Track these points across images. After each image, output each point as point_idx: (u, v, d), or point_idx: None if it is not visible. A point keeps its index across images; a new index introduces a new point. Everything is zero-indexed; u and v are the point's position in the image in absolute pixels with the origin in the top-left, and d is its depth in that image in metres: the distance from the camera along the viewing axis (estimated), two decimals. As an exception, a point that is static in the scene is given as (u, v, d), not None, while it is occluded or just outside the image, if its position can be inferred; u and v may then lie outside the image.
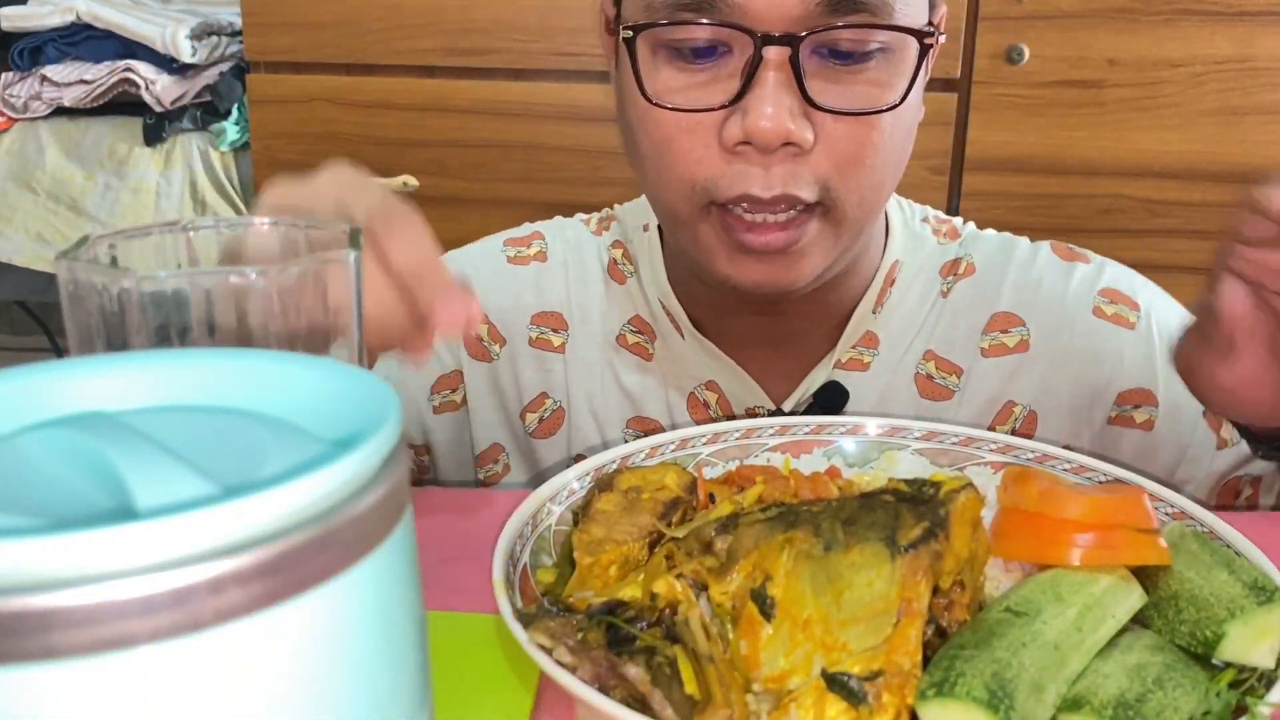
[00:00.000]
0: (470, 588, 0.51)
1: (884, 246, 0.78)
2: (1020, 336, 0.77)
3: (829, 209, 0.65)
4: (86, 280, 0.33)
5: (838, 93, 0.63)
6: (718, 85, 0.64)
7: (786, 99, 0.62)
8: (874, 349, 0.78)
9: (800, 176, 0.64)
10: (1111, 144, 1.52)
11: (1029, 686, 0.38)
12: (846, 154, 0.64)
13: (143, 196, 1.75)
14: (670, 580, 0.44)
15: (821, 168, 0.64)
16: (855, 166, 0.65)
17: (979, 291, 0.79)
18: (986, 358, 0.77)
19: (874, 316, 0.77)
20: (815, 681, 0.39)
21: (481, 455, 0.83)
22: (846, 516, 0.44)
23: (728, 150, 0.64)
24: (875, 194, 0.68)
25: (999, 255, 0.80)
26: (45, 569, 0.19)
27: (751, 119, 0.62)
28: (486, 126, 1.62)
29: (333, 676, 0.22)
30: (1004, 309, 0.78)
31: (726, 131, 0.63)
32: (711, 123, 0.64)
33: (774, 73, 0.62)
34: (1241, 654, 0.42)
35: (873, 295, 0.77)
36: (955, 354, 0.78)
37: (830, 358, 0.77)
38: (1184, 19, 1.47)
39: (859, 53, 0.63)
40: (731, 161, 0.64)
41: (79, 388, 0.27)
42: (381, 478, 0.23)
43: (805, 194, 0.64)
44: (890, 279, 0.78)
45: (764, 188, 0.63)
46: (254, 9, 1.63)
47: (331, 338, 0.37)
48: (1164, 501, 0.52)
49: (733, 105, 0.63)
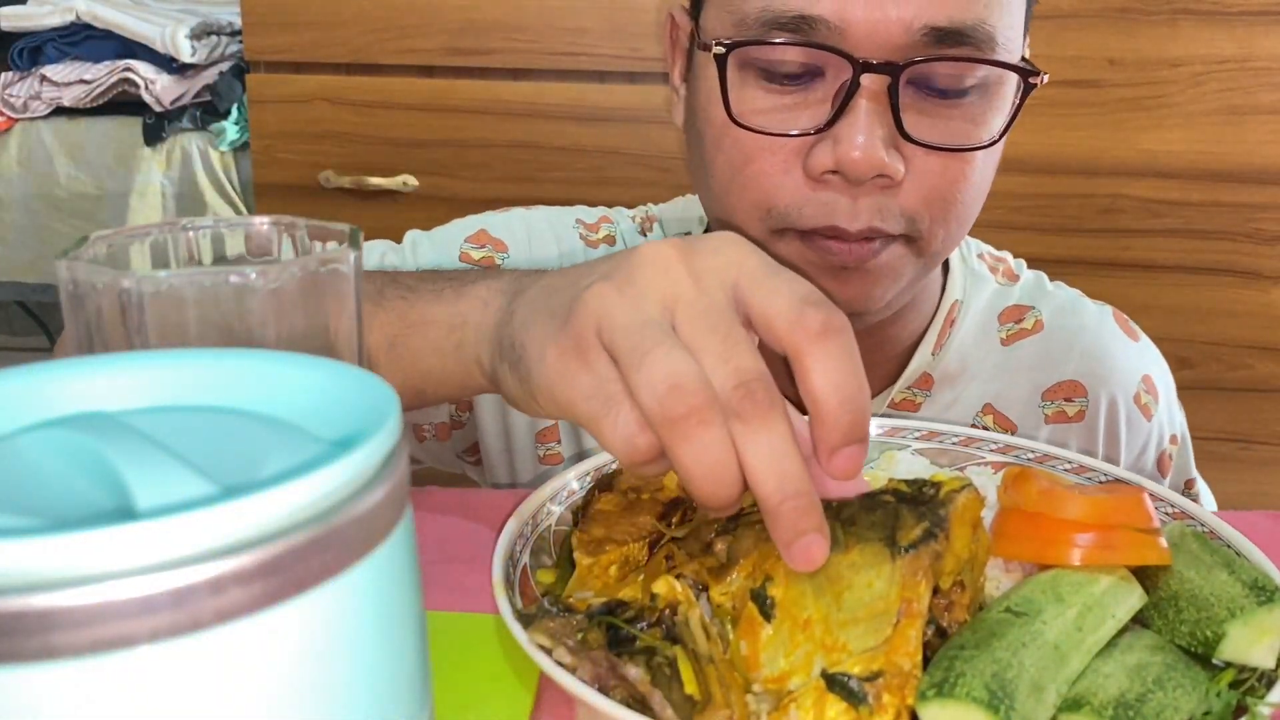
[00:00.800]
0: (470, 588, 0.51)
1: (943, 284, 0.77)
2: (1080, 407, 0.78)
3: (913, 240, 0.64)
4: (86, 280, 0.33)
5: (930, 126, 0.61)
6: (805, 110, 0.62)
7: (880, 129, 0.59)
8: (926, 390, 0.77)
9: (888, 210, 0.62)
10: (1111, 144, 1.52)
11: (1029, 686, 0.38)
12: (937, 189, 0.62)
13: (149, 199, 1.75)
14: (670, 581, 0.44)
15: (910, 202, 0.62)
16: (944, 202, 0.63)
17: (1046, 353, 0.78)
18: (1049, 424, 0.78)
19: (933, 359, 0.76)
20: (815, 682, 0.39)
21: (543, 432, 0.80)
22: (846, 517, 0.44)
23: (813, 178, 0.61)
24: (959, 230, 0.66)
25: (1069, 318, 0.79)
26: (45, 569, 0.19)
27: (844, 148, 0.59)
28: (486, 126, 1.62)
29: (333, 676, 0.22)
30: (1071, 376, 0.78)
31: (815, 159, 0.61)
32: (796, 147, 0.62)
33: (868, 101, 0.59)
34: (1242, 654, 0.42)
35: (933, 336, 0.76)
36: (1015, 412, 0.78)
37: (884, 396, 0.76)
38: (1184, 19, 1.47)
39: (954, 89, 0.61)
40: (816, 190, 0.62)
41: (79, 388, 0.27)
42: (381, 478, 0.23)
43: (891, 227, 0.62)
44: (950, 319, 0.77)
45: (850, 220, 0.61)
46: (254, 9, 1.63)
47: (332, 338, 0.37)
48: (1164, 501, 0.52)
49: (822, 132, 0.61)
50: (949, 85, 0.61)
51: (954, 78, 0.61)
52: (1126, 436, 0.79)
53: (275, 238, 0.40)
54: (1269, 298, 1.54)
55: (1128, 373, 0.79)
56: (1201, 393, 1.54)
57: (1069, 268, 0.84)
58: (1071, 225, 1.54)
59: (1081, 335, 0.79)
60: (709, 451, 0.38)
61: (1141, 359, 0.81)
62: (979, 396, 0.78)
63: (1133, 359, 0.80)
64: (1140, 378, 0.79)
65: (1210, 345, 1.55)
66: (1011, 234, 1.46)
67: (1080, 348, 0.78)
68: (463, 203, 1.63)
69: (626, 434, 0.39)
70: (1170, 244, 1.54)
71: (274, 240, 0.40)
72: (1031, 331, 0.79)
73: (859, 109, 0.59)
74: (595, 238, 0.82)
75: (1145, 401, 0.79)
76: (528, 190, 1.63)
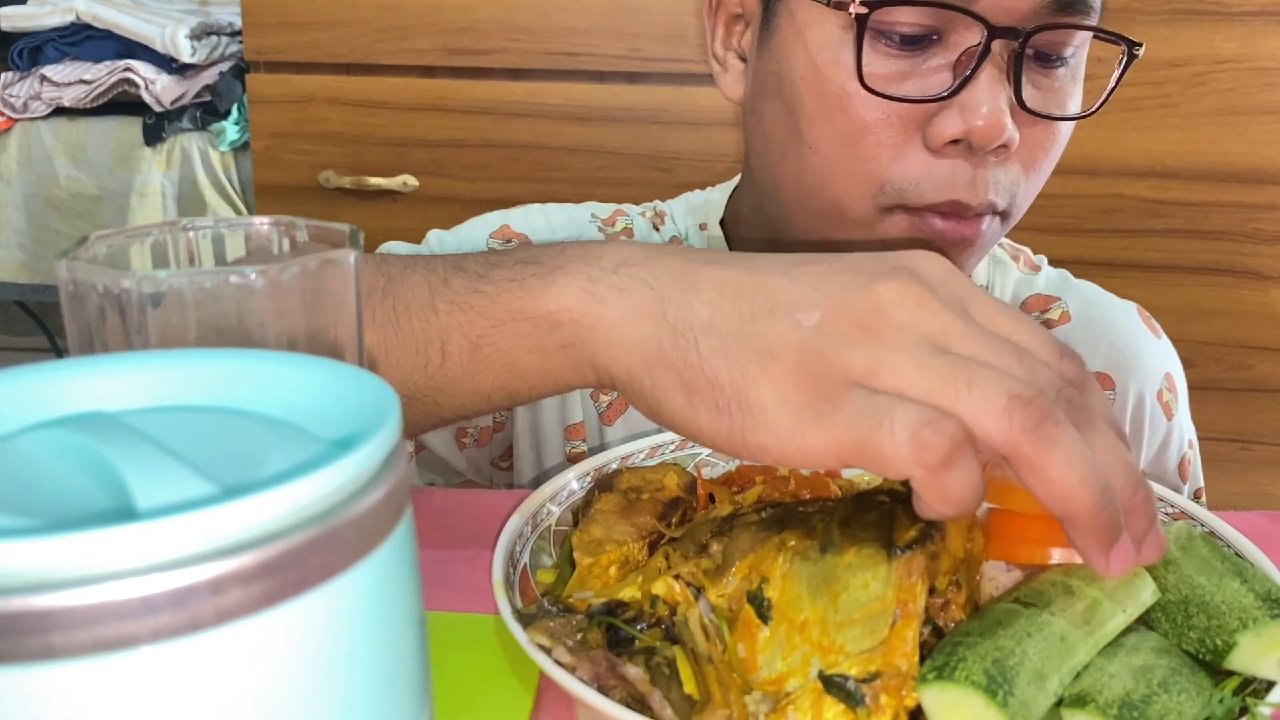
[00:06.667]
0: (470, 588, 0.51)
1: None
2: (1109, 400, 0.77)
3: (1006, 214, 0.63)
4: (86, 280, 0.33)
5: (1038, 96, 0.61)
6: (923, 77, 0.59)
7: (1004, 96, 0.58)
8: None
9: (999, 182, 0.61)
10: (1111, 144, 1.52)
11: (1030, 675, 0.37)
12: (1034, 159, 0.62)
13: (149, 199, 1.75)
14: (669, 581, 0.44)
15: (1014, 173, 0.61)
16: (1038, 172, 0.63)
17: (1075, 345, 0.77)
18: None
19: None
20: (812, 684, 0.39)
21: (571, 429, 0.79)
22: (842, 517, 0.44)
23: (932, 150, 0.60)
24: (1030, 202, 0.65)
25: (1094, 310, 0.79)
26: (45, 569, 0.19)
27: (970, 115, 0.57)
28: (486, 126, 1.62)
29: (333, 676, 0.22)
30: (1099, 369, 0.77)
31: (938, 127, 0.59)
32: (914, 118, 0.60)
33: (993, 68, 0.58)
34: (1250, 664, 0.41)
35: None
36: None
37: None
38: (1184, 19, 1.47)
39: (1058, 56, 0.61)
40: (936, 163, 0.60)
41: (79, 388, 0.27)
42: (381, 478, 0.23)
43: (1001, 201, 0.61)
44: None
45: (972, 194, 0.60)
46: (254, 9, 1.63)
47: (332, 338, 0.37)
48: (1164, 502, 0.52)
49: (944, 100, 0.59)
50: (1058, 53, 0.60)
51: (1062, 46, 0.60)
52: (1149, 433, 0.79)
53: (275, 238, 0.40)
54: (1269, 298, 1.54)
55: (1152, 369, 0.78)
56: (1202, 393, 1.53)
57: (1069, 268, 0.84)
58: (1071, 225, 1.54)
59: (1109, 329, 0.78)
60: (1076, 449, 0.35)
61: (1165, 357, 0.80)
62: None
63: (1156, 356, 0.79)
64: (1164, 375, 0.79)
65: (1210, 345, 1.55)
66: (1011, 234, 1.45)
67: (1108, 340, 0.78)
68: (463, 203, 1.63)
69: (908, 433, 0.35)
70: (1170, 244, 1.54)
71: (274, 240, 0.40)
72: (1058, 322, 0.78)
73: (986, 76, 0.58)
74: (613, 230, 0.81)
75: (1167, 399, 0.79)
76: (528, 190, 1.63)
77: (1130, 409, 0.78)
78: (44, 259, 1.82)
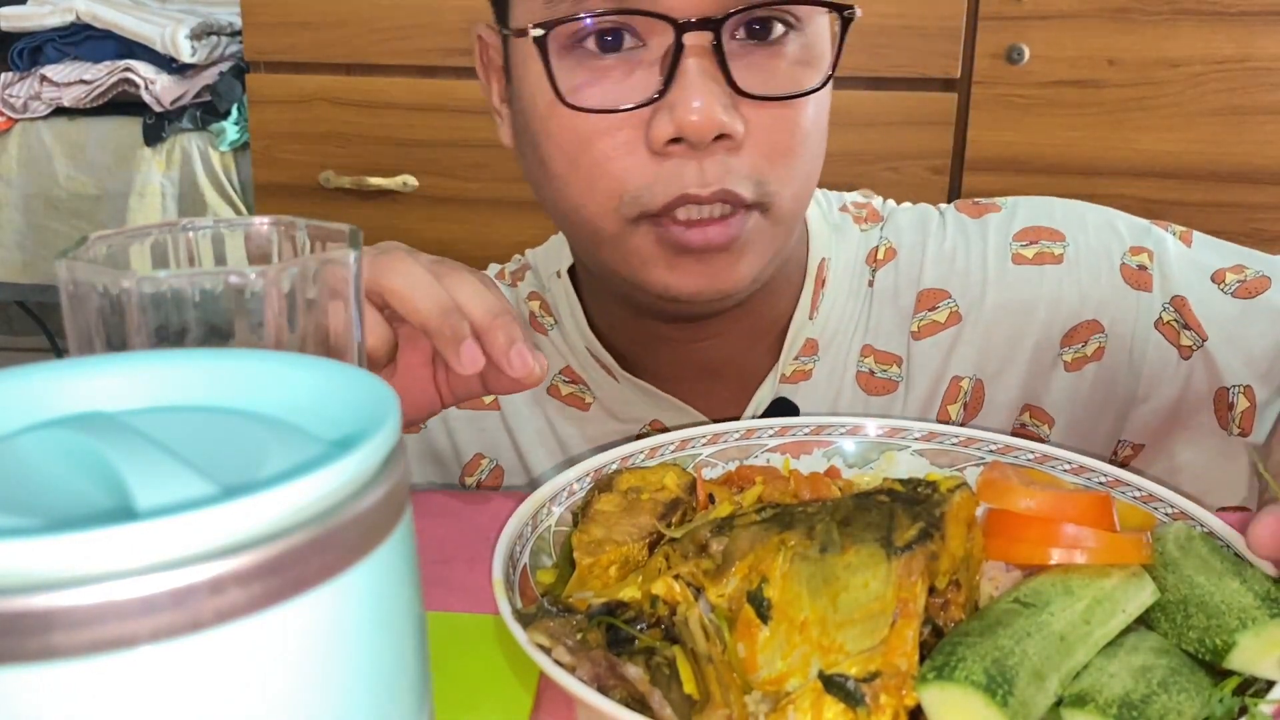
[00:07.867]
0: (470, 588, 0.51)
1: (807, 246, 0.75)
2: (949, 310, 0.74)
3: (766, 207, 0.63)
4: (86, 280, 0.33)
5: (761, 78, 0.60)
6: (632, 82, 0.60)
7: (714, 87, 0.58)
8: (814, 355, 0.75)
9: (735, 171, 0.60)
10: (1111, 144, 1.52)
11: (1030, 674, 0.38)
12: (777, 143, 0.61)
13: (149, 199, 1.75)
14: (669, 581, 0.44)
15: (753, 160, 0.61)
16: (787, 156, 0.62)
17: (902, 274, 0.75)
18: (920, 339, 0.74)
19: (811, 323, 0.74)
20: (812, 684, 0.39)
21: None
22: (842, 517, 0.44)
23: (655, 152, 0.60)
24: (806, 185, 0.65)
25: (916, 233, 0.76)
26: (45, 569, 0.19)
27: (680, 113, 0.58)
28: (486, 126, 1.61)
29: (333, 676, 0.22)
30: (928, 286, 0.75)
31: (655, 130, 0.59)
32: (634, 124, 0.60)
33: (696, 60, 0.58)
34: (1250, 664, 0.41)
35: (806, 300, 0.74)
36: (891, 343, 0.75)
37: (774, 373, 0.74)
38: (1184, 19, 1.47)
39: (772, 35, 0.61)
40: (661, 164, 0.60)
41: (79, 388, 0.27)
42: (381, 478, 0.23)
43: (743, 190, 0.61)
44: (820, 279, 0.75)
45: (700, 185, 0.60)
46: (254, 9, 1.63)
47: (332, 338, 0.37)
48: (1164, 502, 0.52)
49: (656, 102, 0.59)
50: (770, 32, 0.60)
51: (772, 23, 0.60)
52: (1031, 299, 0.74)
53: (275, 238, 0.40)
54: (1269, 298, 1.54)
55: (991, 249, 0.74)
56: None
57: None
58: (1071, 225, 1.54)
59: (928, 242, 0.75)
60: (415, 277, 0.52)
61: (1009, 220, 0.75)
62: (860, 344, 0.75)
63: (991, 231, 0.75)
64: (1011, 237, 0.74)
65: (1210, 345, 1.55)
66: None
67: (930, 254, 0.75)
68: (463, 203, 1.63)
69: None
70: (1170, 244, 1.54)
71: (274, 240, 0.40)
72: (885, 261, 0.76)
73: (689, 70, 0.58)
74: None
75: (1035, 251, 0.74)
76: (528, 190, 1.63)
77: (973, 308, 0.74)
78: (44, 259, 1.82)
